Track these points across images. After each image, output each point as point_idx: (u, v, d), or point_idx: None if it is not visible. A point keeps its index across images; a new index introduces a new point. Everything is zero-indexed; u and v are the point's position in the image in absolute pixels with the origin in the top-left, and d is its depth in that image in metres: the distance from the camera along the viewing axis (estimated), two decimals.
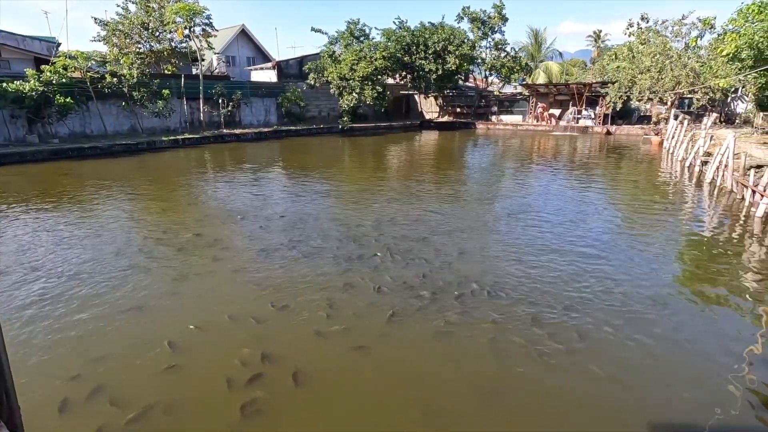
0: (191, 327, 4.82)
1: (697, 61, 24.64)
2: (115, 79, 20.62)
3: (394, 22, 31.49)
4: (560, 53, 46.08)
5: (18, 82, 17.58)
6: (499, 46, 33.11)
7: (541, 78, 38.53)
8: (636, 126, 28.84)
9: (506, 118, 34.65)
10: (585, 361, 4.22)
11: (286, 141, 24.99)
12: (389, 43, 30.14)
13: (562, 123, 31.30)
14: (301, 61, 32.67)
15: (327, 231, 8.18)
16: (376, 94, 28.36)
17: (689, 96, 26.59)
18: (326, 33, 30.35)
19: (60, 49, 24.49)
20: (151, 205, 10.79)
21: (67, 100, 18.84)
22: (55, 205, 10.22)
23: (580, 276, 6.13)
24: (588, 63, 48.32)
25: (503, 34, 32.83)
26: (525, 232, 8.12)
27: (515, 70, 32.90)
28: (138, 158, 18.13)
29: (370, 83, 28.10)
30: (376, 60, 27.93)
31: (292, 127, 27.87)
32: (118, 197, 11.19)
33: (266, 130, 26.43)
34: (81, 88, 19.87)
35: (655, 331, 4.74)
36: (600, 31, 53.06)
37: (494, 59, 33.20)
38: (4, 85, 17.24)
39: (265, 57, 37.94)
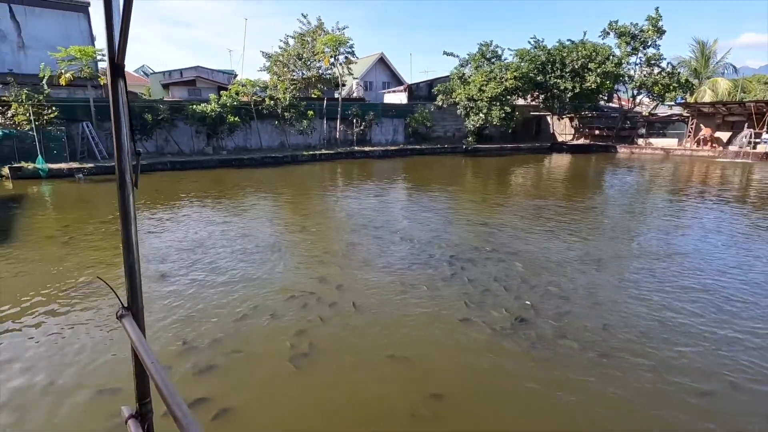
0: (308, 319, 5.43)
1: None
2: (272, 102, 24.23)
3: (529, 42, 30.62)
4: (735, 68, 38.89)
5: (203, 105, 21.96)
6: (652, 62, 29.48)
7: (707, 96, 33.00)
8: None
9: (656, 141, 30.47)
10: None
11: (410, 159, 25.99)
12: (522, 63, 29.33)
13: (732, 148, 26.22)
14: (431, 84, 33.84)
15: (439, 248, 8.34)
16: (503, 115, 27.76)
17: None
18: (457, 56, 31.02)
19: (236, 78, 29.86)
20: (288, 205, 12.38)
21: (236, 119, 22.75)
22: (223, 200, 12.47)
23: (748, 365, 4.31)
24: None
25: (658, 49, 29.18)
26: (671, 284, 6.36)
27: (671, 87, 28.83)
28: (282, 169, 20.87)
29: (498, 104, 27.66)
30: (506, 80, 27.43)
31: (416, 146, 28.92)
32: (265, 197, 13.21)
33: (392, 148, 27.92)
34: (246, 109, 23.82)
35: None
36: None
37: (645, 76, 29.65)
38: (194, 107, 21.71)
39: (398, 81, 40.30)
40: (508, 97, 28.25)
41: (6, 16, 21.12)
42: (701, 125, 28.30)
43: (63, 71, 18.44)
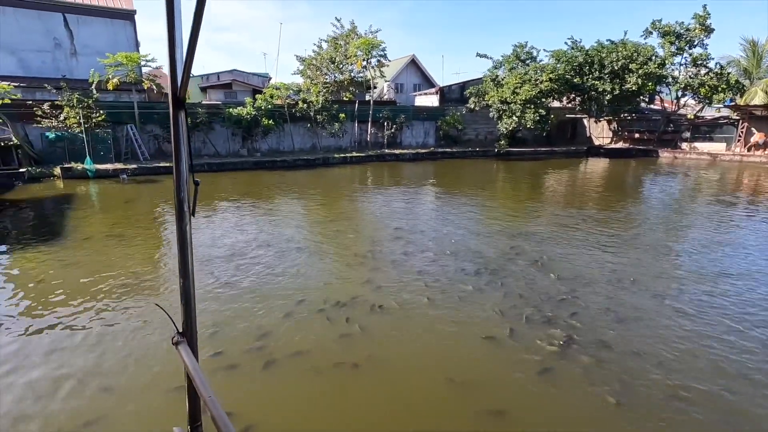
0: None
1: None
2: (305, 105, 24.61)
3: (566, 43, 29.74)
4: None
5: (239, 108, 22.57)
6: (699, 62, 27.99)
7: (758, 98, 31.03)
8: None
9: (702, 145, 28.95)
10: None
11: (441, 162, 25.77)
12: (558, 65, 28.53)
13: None
14: (463, 86, 33.46)
15: (472, 259, 8.21)
16: (537, 118, 27.06)
17: None
18: (491, 58, 30.46)
19: (271, 82, 30.55)
20: (321, 208, 12.54)
21: (270, 122, 23.25)
22: (258, 201, 12.78)
23: None
24: None
25: (705, 48, 27.70)
26: (726, 309, 5.82)
27: (720, 89, 27.27)
28: (314, 171, 21.16)
29: (532, 106, 27.00)
30: (541, 83, 26.76)
31: (447, 149, 28.65)
32: (299, 199, 13.44)
33: (423, 151, 27.78)
34: (280, 112, 24.30)
35: None
36: None
37: (690, 77, 28.20)
38: (230, 110, 22.36)
39: (430, 83, 40.10)
40: (543, 99, 27.54)
41: (60, 25, 22.45)
42: (753, 129, 26.68)
43: (110, 76, 19.41)
